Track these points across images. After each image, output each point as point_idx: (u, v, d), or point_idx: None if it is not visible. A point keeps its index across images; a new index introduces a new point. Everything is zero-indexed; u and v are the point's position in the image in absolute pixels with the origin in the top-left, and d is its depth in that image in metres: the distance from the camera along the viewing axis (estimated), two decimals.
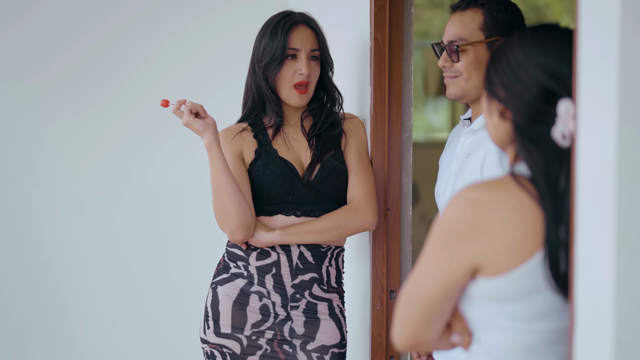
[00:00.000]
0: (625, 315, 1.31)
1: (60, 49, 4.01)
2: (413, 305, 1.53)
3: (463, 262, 1.49)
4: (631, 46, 1.28)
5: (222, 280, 2.59)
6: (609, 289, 1.31)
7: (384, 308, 2.71)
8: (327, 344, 2.56)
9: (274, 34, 2.56)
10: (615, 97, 1.29)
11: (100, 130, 4.06)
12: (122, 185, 4.06)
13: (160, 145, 4.09)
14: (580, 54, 1.38)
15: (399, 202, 2.68)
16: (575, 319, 1.39)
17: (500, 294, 1.50)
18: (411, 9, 2.69)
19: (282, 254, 2.54)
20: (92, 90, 4.05)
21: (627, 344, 1.31)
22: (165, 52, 4.08)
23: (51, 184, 4.04)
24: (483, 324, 1.54)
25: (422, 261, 1.53)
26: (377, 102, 2.66)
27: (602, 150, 1.33)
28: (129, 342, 4.10)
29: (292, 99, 2.58)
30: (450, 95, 2.29)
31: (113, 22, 4.05)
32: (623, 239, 1.30)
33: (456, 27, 2.27)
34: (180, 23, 4.10)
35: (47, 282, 4.04)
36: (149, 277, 4.08)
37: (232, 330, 2.55)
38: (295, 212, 2.55)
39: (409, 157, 2.71)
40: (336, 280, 2.60)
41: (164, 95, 4.02)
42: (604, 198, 1.32)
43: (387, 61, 2.66)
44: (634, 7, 1.28)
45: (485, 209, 1.47)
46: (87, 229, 4.06)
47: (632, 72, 1.29)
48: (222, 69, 4.10)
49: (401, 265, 2.72)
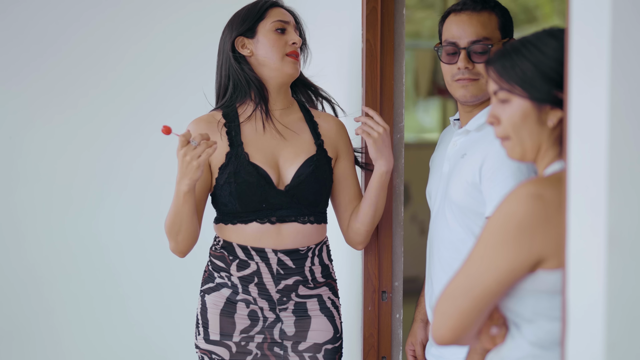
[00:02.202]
0: (617, 317, 1.32)
1: (36, 51, 3.95)
2: (466, 299, 1.54)
3: (529, 256, 1.51)
4: (622, 51, 1.30)
5: (209, 289, 2.54)
6: (601, 291, 1.32)
7: (375, 309, 2.71)
8: (319, 342, 2.51)
9: (252, 9, 2.51)
10: (606, 101, 1.30)
11: (83, 132, 4.01)
12: (104, 189, 4.02)
13: (143, 147, 4.05)
14: (571, 59, 1.39)
15: (390, 203, 2.69)
16: (567, 321, 1.40)
17: (557, 287, 1.52)
18: (403, 11, 2.69)
19: (261, 262, 2.47)
20: (74, 92, 3.99)
21: (619, 346, 1.32)
22: (144, 51, 4.03)
23: (34, 188, 4.00)
24: (532, 315, 1.56)
25: (480, 255, 1.54)
26: (369, 104, 2.67)
27: (593, 153, 1.34)
28: (115, 347, 4.08)
29: (286, 66, 2.47)
30: (464, 97, 2.25)
31: (85, 23, 3.99)
32: (614, 241, 1.32)
33: (477, 27, 2.24)
34: (154, 23, 4.06)
35: (34, 285, 4.01)
36: (133, 280, 4.06)
37: (221, 337, 2.51)
38: (270, 218, 2.47)
39: (400, 158, 2.71)
40: (323, 275, 2.54)
41: (142, 95, 4.02)
42: (595, 201, 1.33)
43: (378, 63, 2.66)
44: (624, 9, 1.29)
45: (552, 202, 1.50)
46: (72, 232, 4.02)
47: (623, 76, 1.30)
48: (200, 66, 4.07)
49: (393, 266, 2.73)
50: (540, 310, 1.55)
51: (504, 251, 1.51)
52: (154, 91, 4.01)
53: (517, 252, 1.50)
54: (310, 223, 2.50)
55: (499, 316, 1.60)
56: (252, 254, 2.48)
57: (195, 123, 2.51)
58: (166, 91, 4.02)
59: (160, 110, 4.03)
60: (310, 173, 2.48)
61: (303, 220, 2.49)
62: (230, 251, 2.50)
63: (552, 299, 1.53)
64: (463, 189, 2.17)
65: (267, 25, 2.50)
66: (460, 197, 2.18)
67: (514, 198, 1.51)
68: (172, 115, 4.00)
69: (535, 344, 1.56)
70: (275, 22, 2.50)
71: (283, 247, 2.48)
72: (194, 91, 3.98)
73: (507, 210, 1.51)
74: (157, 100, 4.03)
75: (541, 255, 1.50)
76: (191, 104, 4.01)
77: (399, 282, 2.73)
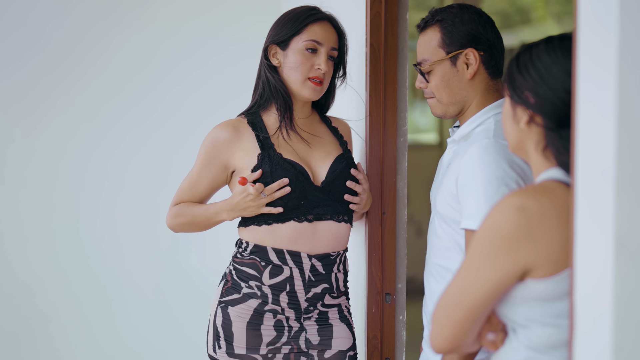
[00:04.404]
0: (624, 321, 1.33)
1: (16, 55, 3.95)
2: (458, 310, 1.58)
3: (514, 267, 1.54)
4: (630, 54, 1.31)
5: (233, 301, 2.49)
6: (608, 295, 1.34)
7: (379, 310, 2.72)
8: (343, 349, 2.52)
9: (295, 19, 2.48)
10: (614, 104, 1.32)
11: (67, 139, 3.98)
12: (86, 193, 4.02)
13: (132, 154, 4.04)
14: (579, 62, 1.40)
15: (394, 206, 2.70)
16: (574, 325, 1.42)
17: (549, 294, 1.55)
18: (406, 15, 2.71)
19: (295, 268, 2.46)
20: (57, 96, 3.98)
21: (626, 349, 1.34)
22: (135, 52, 4.02)
23: (20, 193, 3.97)
24: (526, 321, 1.59)
25: (469, 267, 1.58)
26: (373, 108, 2.69)
27: (601, 156, 1.35)
28: (107, 349, 4.08)
29: (305, 90, 2.48)
30: (434, 113, 2.29)
31: (68, 26, 3.96)
32: (621, 245, 1.33)
33: (420, 49, 2.25)
34: (152, 24, 4.05)
35: (20, 291, 4.00)
36: (119, 285, 4.06)
37: (247, 350, 2.47)
38: (307, 216, 2.47)
39: (404, 161, 2.73)
40: (344, 284, 2.57)
41: (140, 93, 4.01)
42: (603, 205, 1.35)
43: (382, 67, 2.68)
44: (632, 14, 1.31)
45: (536, 214, 1.53)
46: (59, 237, 4.00)
47: (631, 80, 1.32)
48: (218, 69, 4.07)
49: (396, 268, 2.74)
50: (532, 316, 1.58)
51: (491, 263, 1.55)
52: (140, 97, 4.01)
53: (503, 264, 1.54)
54: (344, 222, 2.52)
55: (497, 321, 1.64)
56: (286, 258, 2.46)
57: (221, 128, 2.50)
58: (155, 94, 4.02)
59: (148, 117, 4.03)
60: (343, 168, 2.52)
61: (338, 218, 2.51)
62: (263, 256, 2.47)
63: (543, 306, 1.56)
64: (444, 199, 2.18)
65: (300, 42, 2.47)
66: (442, 206, 2.19)
67: (499, 210, 1.55)
68: (165, 120, 4.01)
69: (532, 347, 1.59)
70: (308, 41, 2.47)
71: (317, 251, 2.48)
72: (189, 93, 3.99)
73: (492, 223, 1.56)
74: (146, 106, 4.03)
75: (528, 266, 1.54)
76: (186, 106, 4.02)
77: (402, 284, 2.75)
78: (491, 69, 2.21)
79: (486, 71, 2.21)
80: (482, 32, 2.20)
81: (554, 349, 1.57)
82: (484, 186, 2.01)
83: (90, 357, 4.05)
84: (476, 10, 2.23)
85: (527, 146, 1.67)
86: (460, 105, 2.22)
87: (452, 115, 2.26)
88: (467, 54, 2.19)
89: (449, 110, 2.24)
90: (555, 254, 1.52)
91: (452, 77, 2.20)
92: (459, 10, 2.21)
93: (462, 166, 2.09)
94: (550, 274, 1.53)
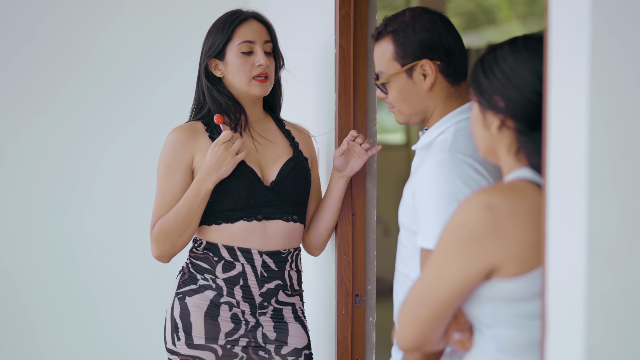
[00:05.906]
0: (597, 322, 1.33)
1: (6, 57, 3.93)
2: (423, 308, 1.56)
3: (480, 265, 1.52)
4: (601, 56, 1.31)
5: (190, 292, 2.54)
6: (581, 295, 1.34)
7: (349, 312, 2.72)
8: (299, 347, 2.57)
9: (222, 28, 2.54)
10: (585, 104, 1.32)
11: (54, 137, 3.99)
12: (73, 194, 4.00)
13: (120, 154, 4.04)
14: (550, 64, 1.41)
15: (363, 208, 2.70)
16: (546, 326, 1.42)
17: (515, 294, 1.54)
18: (375, 16, 2.71)
19: (246, 264, 2.51)
20: (46, 96, 3.98)
21: (599, 350, 1.34)
22: (123, 53, 4.02)
23: (6, 192, 3.97)
24: (491, 321, 1.58)
25: (435, 264, 1.56)
26: (342, 109, 2.68)
27: (573, 157, 1.35)
28: (87, 350, 4.06)
29: (253, 89, 2.53)
30: (398, 122, 2.24)
31: (56, 26, 3.96)
32: (594, 245, 1.33)
33: (376, 60, 2.18)
34: (120, 25, 4.04)
35: (5, 291, 3.98)
36: (101, 285, 4.05)
37: (206, 340, 2.51)
38: (256, 216, 2.52)
39: (373, 163, 2.73)
40: (297, 283, 2.61)
41: (117, 100, 4.00)
42: (575, 205, 1.35)
43: (351, 68, 2.68)
44: (604, 15, 1.31)
45: (504, 213, 1.51)
46: (44, 236, 3.99)
47: (603, 80, 1.32)
48: (176, 71, 4.05)
49: (366, 269, 2.74)
50: (499, 316, 1.57)
51: (456, 260, 1.53)
52: (130, 96, 3.99)
53: (468, 261, 1.52)
54: (293, 222, 2.57)
55: (464, 320, 1.62)
56: (237, 254, 2.52)
57: (177, 131, 2.54)
58: (145, 95, 4.01)
59: (135, 116, 4.02)
60: (292, 169, 2.57)
61: (287, 218, 2.55)
62: (215, 252, 2.53)
63: (510, 305, 1.55)
64: (403, 209, 2.12)
65: (233, 47, 2.54)
66: (402, 216, 2.13)
67: (467, 208, 1.53)
68: (151, 120, 3.99)
69: (501, 350, 1.58)
70: (241, 44, 2.53)
71: (267, 248, 2.53)
72: (172, 95, 3.98)
73: (459, 220, 1.53)
74: (133, 106, 4.02)
75: (494, 264, 1.52)
76: (170, 109, 4.00)
77: (372, 286, 2.75)
78: (450, 76, 2.12)
79: (445, 79, 2.11)
80: (437, 41, 2.10)
81: (524, 351, 1.57)
82: (436, 203, 1.94)
83: (74, 357, 4.03)
84: (430, 16, 2.13)
85: (498, 150, 1.64)
86: (422, 115, 2.15)
87: (415, 123, 2.20)
88: (422, 65, 2.10)
89: (412, 119, 2.18)
90: (523, 253, 1.51)
91: (410, 89, 2.12)
92: (412, 19, 2.12)
93: (417, 181, 2.04)
94: (518, 273, 1.52)
